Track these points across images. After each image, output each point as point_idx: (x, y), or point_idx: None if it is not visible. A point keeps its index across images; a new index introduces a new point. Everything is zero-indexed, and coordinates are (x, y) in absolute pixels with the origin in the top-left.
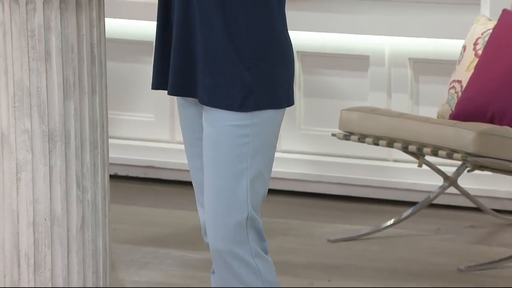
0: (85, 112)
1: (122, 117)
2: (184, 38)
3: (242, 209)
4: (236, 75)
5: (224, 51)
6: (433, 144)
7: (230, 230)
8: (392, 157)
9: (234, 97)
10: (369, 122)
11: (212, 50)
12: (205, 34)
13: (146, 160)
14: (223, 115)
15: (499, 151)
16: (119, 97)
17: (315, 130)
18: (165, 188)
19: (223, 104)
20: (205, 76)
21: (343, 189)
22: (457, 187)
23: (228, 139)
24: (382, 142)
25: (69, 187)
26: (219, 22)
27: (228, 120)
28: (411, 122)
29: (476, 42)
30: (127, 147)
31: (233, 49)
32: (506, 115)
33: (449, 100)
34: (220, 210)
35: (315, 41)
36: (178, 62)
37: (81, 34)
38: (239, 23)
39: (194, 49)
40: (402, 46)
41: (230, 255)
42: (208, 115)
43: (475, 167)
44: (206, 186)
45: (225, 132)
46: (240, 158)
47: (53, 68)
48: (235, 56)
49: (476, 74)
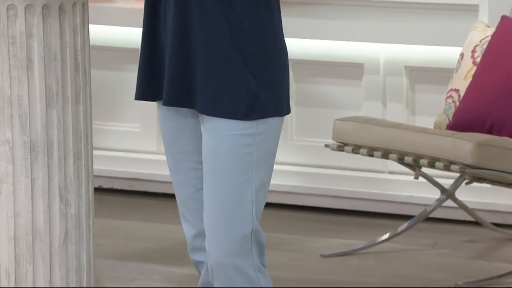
0: (68, 122)
1: (107, 127)
2: (181, 45)
3: (247, 221)
4: (241, 82)
5: (228, 57)
6: (430, 155)
7: (235, 244)
8: (388, 169)
9: (239, 105)
10: (364, 132)
11: (214, 57)
12: (206, 40)
13: (131, 172)
14: (227, 124)
15: (498, 162)
16: (103, 107)
17: (307, 141)
18: (152, 201)
19: (227, 113)
20: (206, 85)
21: (337, 202)
22: (455, 200)
23: (232, 149)
24: (377, 153)
25: (52, 200)
26: (222, 27)
27: (232, 129)
28: (407, 132)
29: (474, 50)
30: (112, 158)
31: (238, 55)
32: (505, 125)
33: (446, 109)
34: (224, 223)
35: (308, 48)
36: (175, 70)
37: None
38: (245, 28)
39: (193, 56)
40: (398, 54)
41: (233, 269)
42: (209, 125)
43: (474, 179)
44: (207, 198)
45: (229, 142)
46: (245, 168)
47: (35, 76)
48: (240, 62)
49: (474, 82)
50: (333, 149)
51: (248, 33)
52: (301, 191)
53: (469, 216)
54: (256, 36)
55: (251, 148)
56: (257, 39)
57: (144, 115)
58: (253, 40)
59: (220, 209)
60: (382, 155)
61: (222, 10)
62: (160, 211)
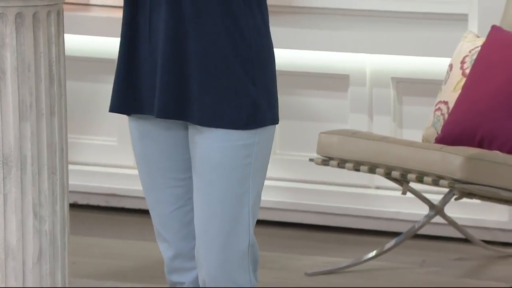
0: (42, 135)
1: (83, 140)
2: (174, 54)
3: (244, 235)
4: (241, 90)
5: (227, 65)
6: (418, 170)
7: (233, 260)
8: (374, 184)
9: (240, 114)
10: (349, 146)
11: (211, 65)
12: (203, 48)
13: (108, 187)
14: (226, 135)
15: (489, 177)
16: (79, 119)
17: (291, 155)
18: (129, 218)
19: (227, 123)
20: (203, 94)
21: (322, 218)
22: (444, 216)
23: (231, 161)
24: (363, 167)
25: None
26: (220, 34)
27: (231, 140)
28: (394, 146)
29: (463, 61)
30: (88, 173)
31: (237, 62)
32: (496, 139)
33: (435, 122)
34: (222, 239)
35: (292, 59)
36: (168, 80)
37: (38, 51)
38: (244, 33)
39: (187, 66)
40: (385, 65)
41: (230, 284)
42: (205, 137)
43: (463, 195)
44: (201, 212)
45: (227, 154)
46: (242, 180)
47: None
48: (239, 69)
49: (464, 94)
50: (318, 164)
51: (246, 38)
52: (285, 207)
53: (459, 233)
54: (254, 41)
55: (248, 159)
56: (254, 44)
57: (121, 128)
58: (251, 45)
59: (217, 224)
60: (369, 170)
61: (219, 16)
62: (137, 228)
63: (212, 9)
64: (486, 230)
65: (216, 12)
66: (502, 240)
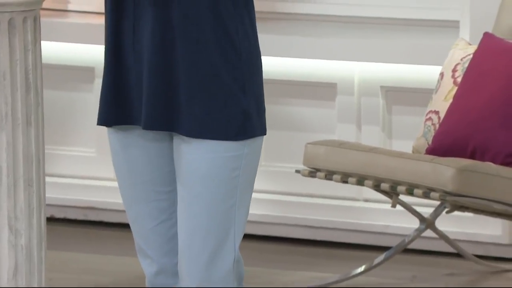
0: (18, 146)
1: (60, 152)
2: (161, 62)
3: (230, 251)
4: (230, 99)
5: (216, 73)
6: (408, 182)
7: (217, 275)
8: (363, 196)
9: (230, 125)
10: (337, 157)
11: (200, 73)
12: (191, 55)
13: (86, 200)
14: (215, 146)
15: (481, 189)
16: (56, 130)
17: (277, 166)
18: (108, 232)
19: (216, 134)
20: (192, 104)
21: (308, 232)
22: (435, 230)
23: (219, 173)
24: (351, 179)
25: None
26: (209, 40)
27: (221, 151)
28: (384, 157)
29: (455, 69)
30: (65, 185)
31: (227, 69)
32: (488, 150)
33: (426, 133)
34: (207, 255)
35: (277, 67)
36: (155, 90)
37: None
38: (233, 39)
39: (175, 74)
40: (373, 73)
41: None
42: (193, 148)
43: (455, 208)
44: (185, 226)
45: (216, 165)
46: (230, 193)
47: None
48: (228, 77)
49: (455, 104)
50: (304, 175)
51: (236, 45)
52: (270, 220)
53: (450, 247)
54: (243, 48)
55: (237, 171)
56: (244, 50)
57: (100, 139)
58: (241, 52)
59: (201, 239)
60: (357, 182)
61: (208, 22)
62: (117, 243)
63: (201, 15)
64: (478, 245)
65: (205, 18)
66: (495, 255)
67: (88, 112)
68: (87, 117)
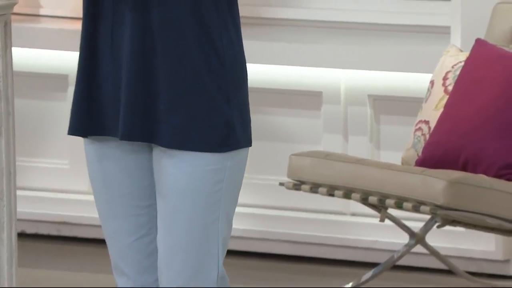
0: None
1: (32, 164)
2: (141, 70)
3: (213, 268)
4: (213, 109)
5: (199, 81)
6: (397, 195)
7: None
8: (350, 210)
9: (213, 136)
10: (323, 169)
11: (182, 82)
12: (172, 63)
13: (59, 215)
14: (197, 158)
15: (474, 203)
16: (28, 140)
17: (259, 179)
18: (82, 248)
19: (199, 145)
20: (172, 114)
21: (293, 248)
22: (425, 245)
23: (201, 187)
24: (338, 192)
25: None
26: (191, 47)
27: (203, 164)
28: (371, 169)
29: (445, 77)
30: (36, 199)
31: (210, 78)
32: (481, 162)
33: (415, 143)
34: (188, 273)
35: (259, 74)
36: (134, 99)
37: None
38: (217, 46)
39: (155, 82)
40: (361, 81)
41: None
42: (174, 160)
43: (446, 222)
44: (164, 243)
45: (197, 179)
46: (212, 208)
47: None
48: (212, 86)
49: (446, 113)
50: (289, 188)
51: (220, 52)
52: (253, 235)
53: (441, 263)
54: (227, 55)
55: (220, 184)
56: (228, 58)
57: (73, 150)
58: (225, 60)
59: (184, 256)
60: (344, 195)
61: (190, 28)
62: (91, 259)
63: (181, 19)
64: (471, 261)
65: (187, 23)
66: (488, 271)
67: (61, 121)
68: (60, 127)
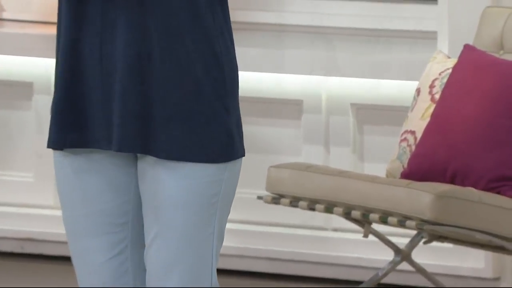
0: None
1: None
2: (137, 78)
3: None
4: (213, 117)
5: (199, 88)
6: (381, 209)
7: None
8: (332, 225)
9: (214, 145)
10: (303, 182)
11: (180, 90)
12: (170, 70)
13: (23, 231)
14: (195, 170)
15: (462, 218)
16: None
17: (237, 192)
18: (47, 266)
19: (199, 156)
20: (171, 123)
21: (272, 265)
22: (411, 262)
23: (199, 200)
24: (319, 206)
25: None
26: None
27: (201, 175)
28: (355, 182)
29: (432, 85)
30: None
31: (209, 85)
32: (470, 174)
33: (401, 155)
34: None
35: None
36: (130, 108)
37: None
38: (216, 52)
39: (152, 91)
40: (343, 89)
41: None
42: (168, 172)
43: (433, 238)
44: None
45: (195, 191)
46: (207, 222)
47: None
48: (211, 94)
49: (433, 123)
50: (267, 202)
51: (219, 58)
52: (230, 252)
53: (428, 281)
54: (226, 61)
55: (217, 197)
56: (226, 64)
57: (39, 162)
58: (223, 66)
59: (178, 274)
60: (325, 209)
61: (189, 34)
62: (57, 278)
63: (182, 24)
64: (459, 279)
65: (186, 27)
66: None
67: (25, 132)
68: (24, 138)
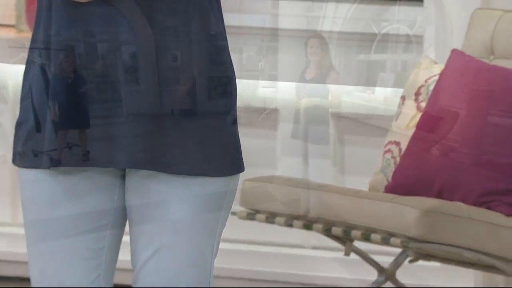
0: None
1: None
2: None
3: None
4: (223, 129)
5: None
6: (364, 225)
7: None
8: (311, 243)
9: (225, 158)
10: (280, 196)
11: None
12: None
13: None
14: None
15: (450, 235)
16: None
17: None
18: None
19: (210, 170)
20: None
21: (247, 285)
22: (396, 282)
23: (201, 215)
24: (297, 223)
25: None
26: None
27: (209, 189)
28: (335, 196)
29: (418, 92)
30: None
31: (220, 95)
32: (458, 188)
33: (384, 167)
34: None
35: None
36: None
37: None
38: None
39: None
40: (322, 97)
41: None
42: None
43: (419, 256)
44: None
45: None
46: (209, 240)
47: None
48: (221, 104)
49: (419, 133)
50: (242, 218)
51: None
52: None
53: None
54: (231, 69)
55: (219, 212)
56: (231, 72)
57: None
58: (230, 74)
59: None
60: (304, 226)
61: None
62: None
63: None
64: None
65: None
66: None
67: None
68: None
